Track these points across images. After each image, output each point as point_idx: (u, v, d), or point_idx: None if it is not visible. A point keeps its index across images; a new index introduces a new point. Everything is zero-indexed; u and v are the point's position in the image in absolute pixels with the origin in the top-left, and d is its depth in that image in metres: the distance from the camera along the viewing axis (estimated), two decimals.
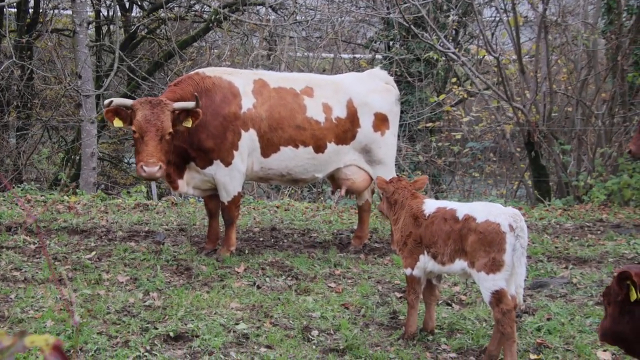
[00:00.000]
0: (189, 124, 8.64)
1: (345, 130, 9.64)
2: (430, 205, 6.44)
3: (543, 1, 15.02)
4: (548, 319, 7.17)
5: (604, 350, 6.43)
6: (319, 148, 9.51)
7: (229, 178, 9.23)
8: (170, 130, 8.61)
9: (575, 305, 7.64)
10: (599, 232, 11.21)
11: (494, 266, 5.97)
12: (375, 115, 9.77)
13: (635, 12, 14.83)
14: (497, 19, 18.19)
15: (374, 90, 9.89)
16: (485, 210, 6.12)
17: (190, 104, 8.62)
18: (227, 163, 9.17)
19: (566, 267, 9.07)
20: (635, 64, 14.92)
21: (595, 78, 16.09)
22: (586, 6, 16.64)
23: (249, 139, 9.24)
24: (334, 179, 9.99)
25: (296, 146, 9.40)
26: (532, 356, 6.36)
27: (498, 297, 5.97)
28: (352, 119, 9.68)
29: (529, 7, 16.17)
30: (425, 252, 6.39)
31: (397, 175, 10.06)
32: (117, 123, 8.78)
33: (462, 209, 6.25)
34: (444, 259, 6.26)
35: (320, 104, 9.56)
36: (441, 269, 6.35)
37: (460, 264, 6.17)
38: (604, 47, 15.85)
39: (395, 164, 10.54)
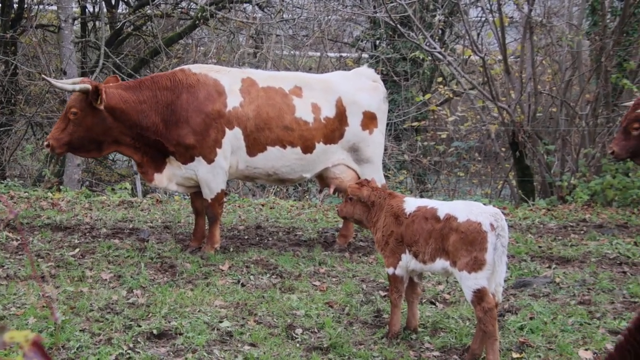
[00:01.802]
0: (96, 102, 8.72)
1: (334, 129, 9.62)
2: (410, 204, 6.43)
3: (528, 2, 15.08)
4: (531, 318, 7.19)
5: (586, 349, 6.47)
6: (307, 148, 9.49)
7: (212, 175, 9.21)
8: (73, 109, 8.79)
9: (557, 304, 7.67)
10: (582, 232, 11.26)
11: (476, 265, 5.99)
12: (364, 113, 9.76)
13: (619, 14, 14.92)
14: (483, 19, 18.23)
15: (362, 88, 9.87)
16: (466, 210, 6.14)
17: (77, 87, 8.81)
18: (210, 160, 9.16)
19: (549, 267, 9.09)
20: (619, 65, 15.01)
21: (579, 79, 16.17)
22: (571, 7, 16.74)
23: (233, 137, 9.21)
24: (322, 177, 9.96)
25: (284, 146, 9.38)
26: (514, 355, 6.38)
27: (480, 295, 6.00)
28: (341, 118, 9.66)
29: (515, 7, 16.24)
30: (407, 251, 6.39)
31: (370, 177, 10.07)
32: None
33: (443, 208, 6.25)
34: (426, 258, 6.27)
35: (309, 104, 9.53)
36: (423, 267, 6.36)
37: (441, 263, 6.18)
38: (588, 48, 15.95)
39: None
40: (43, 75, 9.63)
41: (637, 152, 10.65)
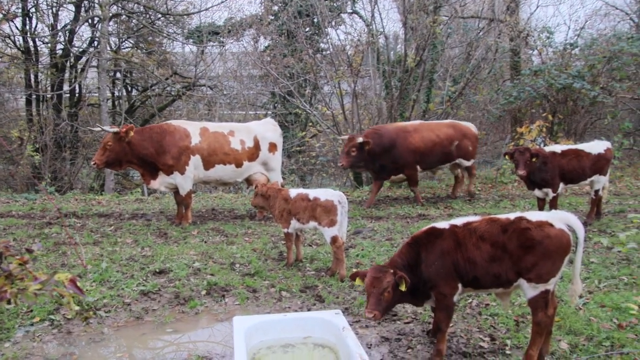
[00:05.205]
0: (125, 138, 8.48)
1: (253, 153, 9.47)
2: (293, 192, 6.41)
3: (354, 82, 15.32)
4: (362, 250, 7.32)
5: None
6: (238, 165, 9.30)
7: (183, 181, 8.93)
8: (109, 143, 8.51)
9: (375, 241, 7.82)
10: (387, 202, 11.51)
11: (331, 223, 6.04)
12: (270, 143, 9.64)
13: (399, 88, 15.31)
14: (331, 91, 18.37)
15: (268, 130, 9.72)
16: (325, 193, 6.18)
17: (111, 130, 8.51)
18: (182, 172, 8.88)
19: (371, 222, 9.26)
20: (401, 114, 15.41)
21: (381, 122, 16.47)
22: (375, 85, 16.98)
23: (195, 160, 8.97)
24: (248, 180, 9.81)
25: (224, 164, 9.19)
26: (354, 269, 6.48)
27: (334, 239, 6.05)
28: (257, 146, 9.51)
29: (347, 85, 16.39)
30: (293, 218, 6.38)
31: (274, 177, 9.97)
32: None
33: (312, 193, 6.27)
34: (303, 221, 6.27)
35: (239, 140, 9.34)
36: (302, 226, 6.35)
37: (313, 224, 6.20)
38: (385, 106, 16.27)
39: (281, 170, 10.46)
40: (97, 125, 9.13)
41: (354, 165, 9.90)
